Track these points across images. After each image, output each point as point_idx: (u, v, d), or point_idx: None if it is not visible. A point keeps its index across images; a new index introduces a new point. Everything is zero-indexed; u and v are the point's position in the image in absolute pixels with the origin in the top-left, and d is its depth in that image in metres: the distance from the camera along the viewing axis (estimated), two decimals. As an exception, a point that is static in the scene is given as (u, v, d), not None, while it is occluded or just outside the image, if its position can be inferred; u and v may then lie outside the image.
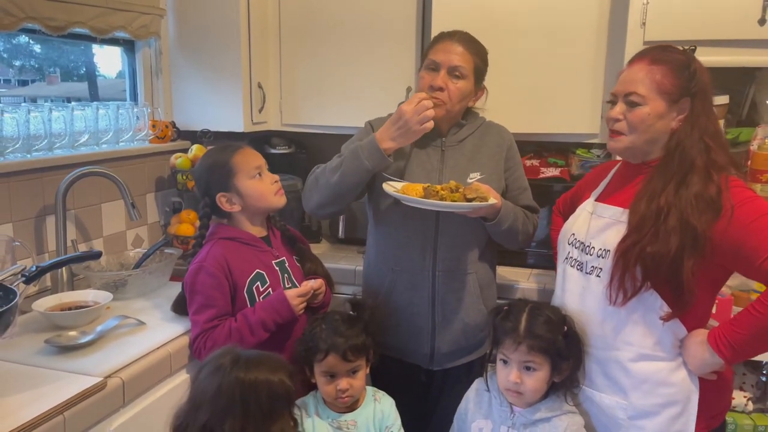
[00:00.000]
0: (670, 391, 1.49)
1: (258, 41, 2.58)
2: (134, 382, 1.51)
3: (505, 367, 1.57)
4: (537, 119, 2.37)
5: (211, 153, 1.85)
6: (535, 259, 2.43)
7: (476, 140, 1.91)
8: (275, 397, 1.31)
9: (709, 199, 1.40)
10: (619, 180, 1.64)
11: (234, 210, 1.79)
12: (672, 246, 1.39)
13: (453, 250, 1.86)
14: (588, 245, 1.58)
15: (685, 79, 1.46)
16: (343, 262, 2.47)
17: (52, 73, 2.38)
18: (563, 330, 1.55)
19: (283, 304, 1.71)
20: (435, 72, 1.81)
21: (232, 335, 1.66)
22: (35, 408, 1.29)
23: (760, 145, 2.05)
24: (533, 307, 1.59)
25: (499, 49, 2.30)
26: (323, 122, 2.66)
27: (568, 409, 1.57)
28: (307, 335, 1.70)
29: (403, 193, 1.72)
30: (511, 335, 1.55)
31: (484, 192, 1.70)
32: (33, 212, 1.98)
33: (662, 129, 1.49)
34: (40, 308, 1.72)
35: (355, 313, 1.75)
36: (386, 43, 2.52)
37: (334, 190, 1.81)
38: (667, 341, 1.49)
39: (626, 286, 1.45)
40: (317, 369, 1.67)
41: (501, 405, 1.61)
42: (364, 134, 1.91)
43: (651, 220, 1.42)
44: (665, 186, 1.44)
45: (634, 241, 1.44)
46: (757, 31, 1.94)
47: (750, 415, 2.14)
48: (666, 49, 1.52)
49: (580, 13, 2.27)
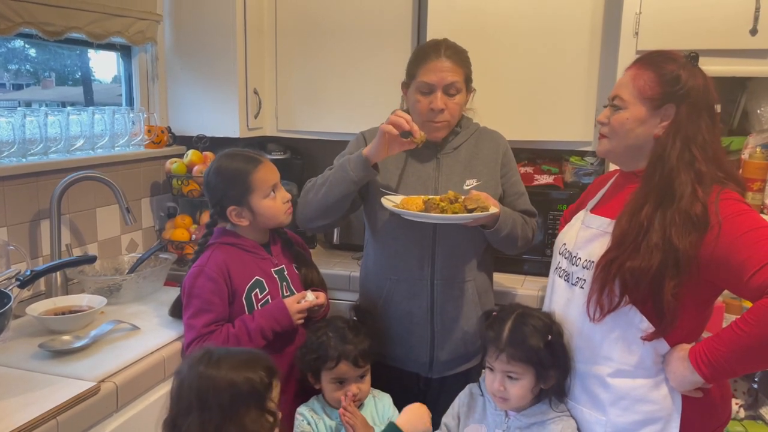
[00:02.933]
0: (650, 408, 1.44)
1: (254, 47, 2.59)
2: (128, 386, 1.52)
3: (491, 373, 1.59)
4: (531, 127, 2.38)
5: (231, 162, 1.79)
6: (529, 266, 2.44)
7: (471, 147, 1.92)
8: (236, 393, 1.29)
9: (694, 218, 1.34)
10: (612, 190, 1.62)
11: (241, 224, 1.79)
12: (653, 263, 1.34)
13: (451, 259, 1.86)
14: (575, 256, 1.55)
15: (668, 85, 1.41)
16: (337, 267, 2.47)
17: (47, 77, 2.38)
18: (547, 339, 1.53)
19: (282, 313, 1.72)
20: (430, 94, 1.81)
21: (230, 341, 1.67)
22: (28, 412, 1.29)
23: (751, 154, 2.07)
24: (520, 315, 1.58)
25: (493, 56, 2.34)
26: (318, 128, 2.68)
27: (563, 412, 1.57)
28: (313, 344, 1.72)
29: (403, 208, 1.72)
30: (493, 344, 1.55)
31: (483, 201, 1.71)
32: (28, 216, 1.98)
33: (644, 135, 1.45)
34: (34, 312, 1.72)
35: (357, 319, 1.78)
36: (381, 50, 2.53)
37: (322, 203, 1.82)
38: (648, 358, 1.44)
39: (603, 302, 1.41)
40: (327, 376, 1.70)
41: (495, 409, 1.62)
42: (355, 146, 1.93)
43: (632, 235, 1.38)
44: (647, 199, 1.39)
45: (615, 256, 1.40)
46: (749, 41, 1.96)
47: (742, 422, 2.15)
48: (660, 55, 1.48)
49: (574, 22, 2.29)
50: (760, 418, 2.16)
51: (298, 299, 1.77)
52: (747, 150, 2.08)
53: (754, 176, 2.04)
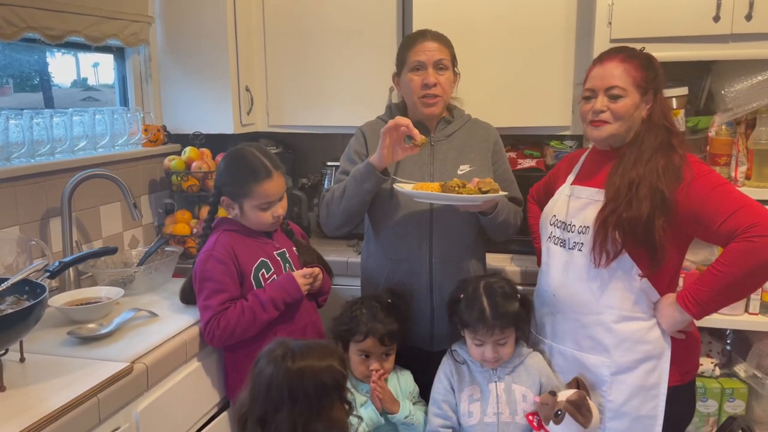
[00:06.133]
0: (647, 347, 1.69)
1: (244, 45, 2.67)
2: (156, 367, 1.61)
3: (480, 346, 1.76)
4: (513, 114, 2.52)
5: (245, 162, 1.85)
6: (516, 245, 2.57)
7: (464, 135, 2.05)
8: (322, 386, 1.35)
9: (673, 167, 1.62)
10: (590, 165, 1.83)
11: (230, 214, 1.91)
12: (644, 211, 1.59)
13: (447, 239, 1.99)
14: (569, 224, 1.76)
15: (652, 74, 1.69)
16: (333, 255, 2.58)
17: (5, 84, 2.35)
18: (518, 297, 1.78)
19: (292, 284, 1.84)
20: (422, 71, 1.95)
21: (245, 313, 1.77)
22: (71, 391, 1.38)
23: (717, 132, 2.24)
24: (486, 287, 1.78)
25: (475, 49, 2.48)
26: (308, 122, 2.78)
27: (531, 349, 1.85)
28: (346, 316, 1.87)
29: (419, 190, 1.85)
30: (480, 322, 1.73)
31: (495, 183, 1.85)
32: (38, 215, 2.05)
33: (637, 118, 1.70)
34: (56, 304, 1.79)
35: (391, 301, 1.91)
36: (368, 45, 2.64)
37: (345, 214, 1.97)
38: (643, 303, 1.69)
39: (608, 248, 1.64)
40: (354, 347, 1.84)
41: (482, 368, 1.81)
42: (354, 142, 2.07)
43: (625, 190, 1.62)
44: (636, 161, 1.65)
45: (612, 209, 1.63)
46: (712, 27, 2.13)
47: (717, 379, 2.33)
48: (629, 49, 1.73)
49: (551, 15, 2.44)
50: (734, 375, 2.34)
51: (303, 273, 1.89)
52: (713, 128, 2.24)
53: (721, 152, 2.21)
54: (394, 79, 2.09)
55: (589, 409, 1.64)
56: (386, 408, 1.79)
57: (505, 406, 1.77)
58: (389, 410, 1.79)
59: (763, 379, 2.25)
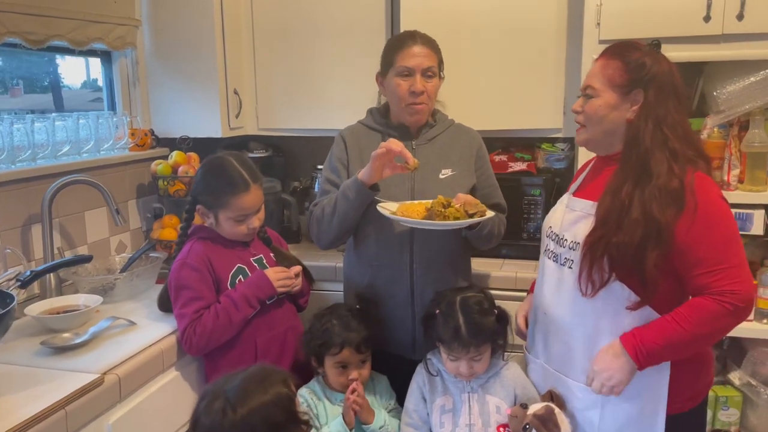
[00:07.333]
0: (642, 378, 1.52)
1: (232, 48, 2.65)
2: (129, 378, 1.59)
3: (455, 361, 1.72)
4: (503, 116, 2.49)
5: (222, 174, 1.81)
6: (507, 250, 2.53)
7: (447, 139, 2.02)
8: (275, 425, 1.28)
9: (672, 192, 1.43)
10: (592, 174, 1.71)
11: (205, 223, 1.89)
12: (636, 237, 1.43)
13: (428, 246, 1.95)
14: (562, 237, 1.64)
15: (635, 71, 1.51)
16: (322, 260, 2.55)
17: (15, 85, 2.36)
18: (494, 312, 1.73)
19: (263, 280, 1.82)
20: (410, 77, 1.92)
21: (220, 316, 1.75)
22: (38, 404, 1.35)
23: (709, 134, 2.19)
24: (462, 302, 1.73)
25: (465, 51, 2.44)
26: (298, 125, 2.75)
27: (507, 360, 1.82)
28: (318, 330, 1.82)
29: (403, 214, 1.81)
30: (456, 341, 1.68)
31: (481, 205, 1.81)
32: (19, 222, 2.03)
33: (617, 120, 1.54)
34: (33, 313, 1.77)
35: (360, 307, 1.88)
36: (356, 48, 2.61)
37: (338, 230, 1.94)
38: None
39: (594, 278, 1.50)
40: (330, 361, 1.80)
41: (455, 378, 1.77)
42: (336, 149, 2.05)
43: (615, 213, 1.47)
44: (626, 179, 1.48)
45: (600, 234, 1.48)
46: (703, 27, 2.08)
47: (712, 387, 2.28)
48: (625, 45, 1.58)
49: (540, 17, 2.40)
50: (729, 383, 2.29)
51: (277, 270, 1.86)
52: (705, 130, 2.20)
53: (713, 155, 2.15)
54: (377, 78, 2.06)
55: (557, 424, 1.55)
56: (361, 418, 1.75)
57: (477, 418, 1.72)
58: (364, 420, 1.76)
59: (757, 387, 2.20)
